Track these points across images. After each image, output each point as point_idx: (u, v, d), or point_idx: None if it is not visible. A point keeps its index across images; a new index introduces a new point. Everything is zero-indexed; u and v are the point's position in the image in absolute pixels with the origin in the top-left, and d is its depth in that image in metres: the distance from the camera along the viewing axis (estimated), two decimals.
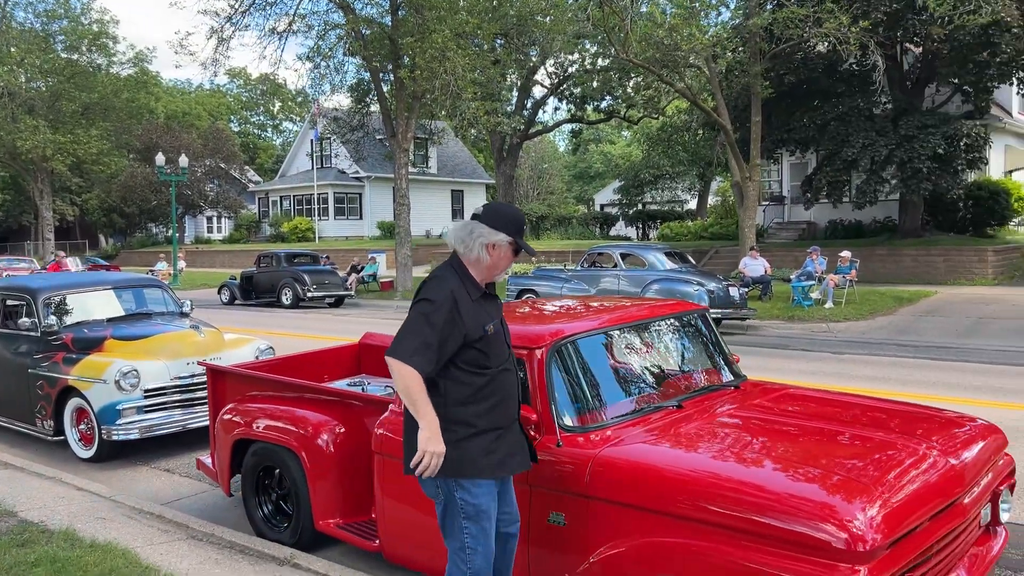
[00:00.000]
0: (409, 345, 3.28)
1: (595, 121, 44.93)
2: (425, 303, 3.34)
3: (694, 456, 3.73)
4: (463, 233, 3.46)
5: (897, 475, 3.47)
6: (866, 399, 4.76)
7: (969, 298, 18.94)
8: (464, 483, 3.40)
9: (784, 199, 30.86)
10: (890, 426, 4.10)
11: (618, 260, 17.18)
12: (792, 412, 4.33)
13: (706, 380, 4.75)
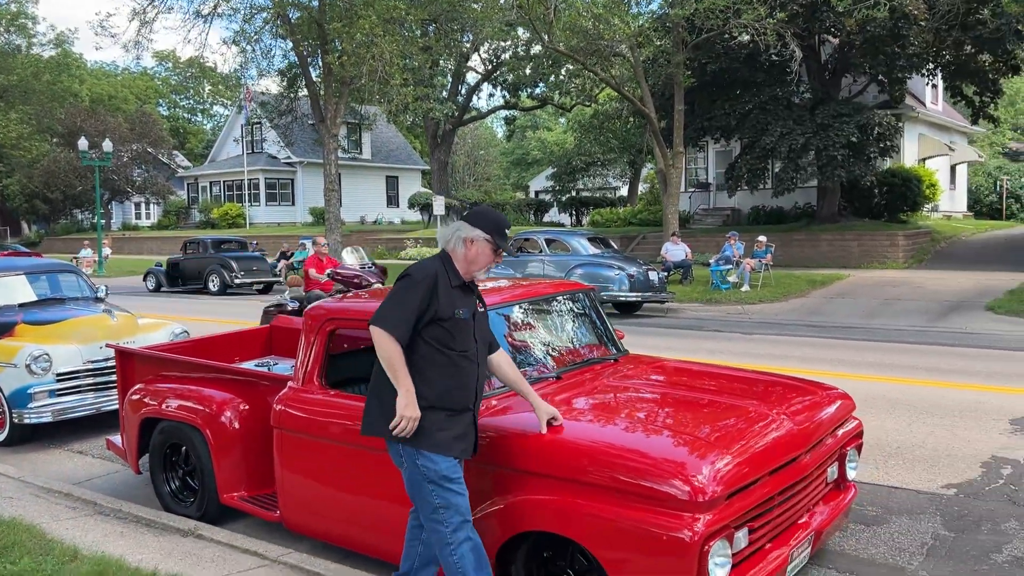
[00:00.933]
0: (392, 316, 3.59)
1: (529, 108, 45.27)
2: (408, 279, 3.67)
3: (564, 423, 4.06)
4: (448, 228, 3.84)
5: (740, 435, 3.84)
6: (734, 371, 5.16)
7: (879, 281, 19.81)
8: (424, 451, 3.64)
9: (709, 186, 31.65)
10: (747, 394, 4.50)
11: (543, 246, 17.54)
12: (661, 382, 4.69)
13: (587, 354, 5.09)
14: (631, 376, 4.75)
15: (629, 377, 4.72)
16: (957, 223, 30.98)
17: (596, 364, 4.93)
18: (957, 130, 33.91)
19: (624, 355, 5.26)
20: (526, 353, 4.87)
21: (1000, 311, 14.87)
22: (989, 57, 24.01)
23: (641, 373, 4.82)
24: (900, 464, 6.17)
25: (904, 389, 8.65)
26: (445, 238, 3.81)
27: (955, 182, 34.62)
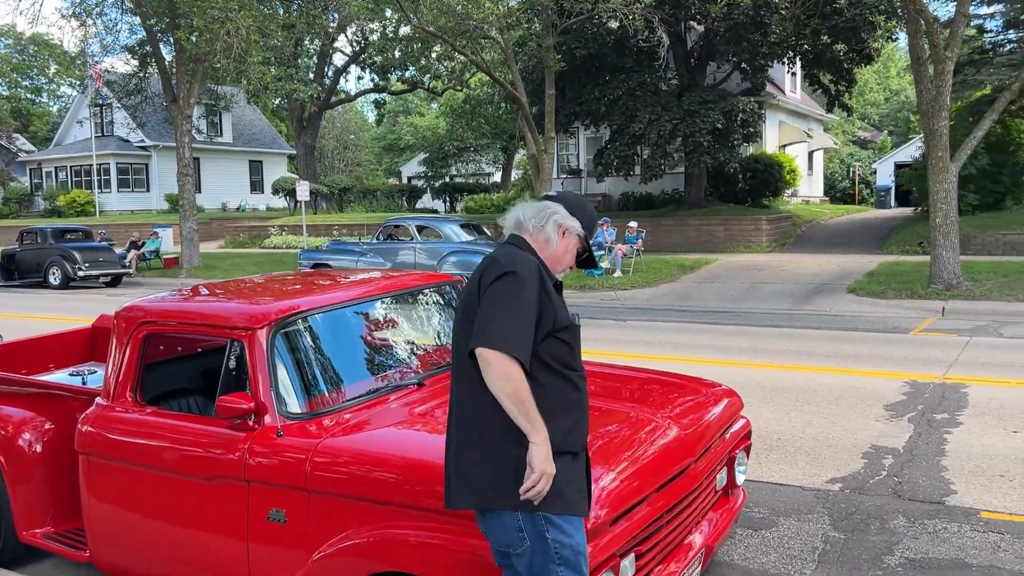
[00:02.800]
0: (511, 332, 2.50)
1: (399, 91, 44.25)
2: (510, 277, 2.57)
3: (423, 439, 3.50)
4: (534, 210, 2.84)
5: (624, 446, 3.39)
6: (610, 368, 4.72)
7: (745, 264, 20.16)
8: (555, 519, 2.63)
9: (581, 172, 31.68)
10: (626, 395, 4.06)
11: (414, 232, 16.90)
12: None
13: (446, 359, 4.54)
14: None
15: None
16: (815, 207, 32.21)
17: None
18: (814, 118, 35.25)
19: None
20: (386, 355, 4.29)
21: (861, 292, 15.28)
22: (844, 47, 24.89)
23: None
24: (782, 457, 5.93)
25: (779, 376, 8.54)
26: (533, 217, 2.81)
27: (812, 168, 36.01)
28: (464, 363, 2.62)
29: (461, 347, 2.63)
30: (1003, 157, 22.60)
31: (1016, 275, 15.36)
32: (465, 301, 2.70)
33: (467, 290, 2.70)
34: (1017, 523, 4.69)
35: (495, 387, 2.51)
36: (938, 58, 14.39)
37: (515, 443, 2.56)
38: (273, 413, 3.56)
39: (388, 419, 3.66)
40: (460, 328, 2.68)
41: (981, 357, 9.32)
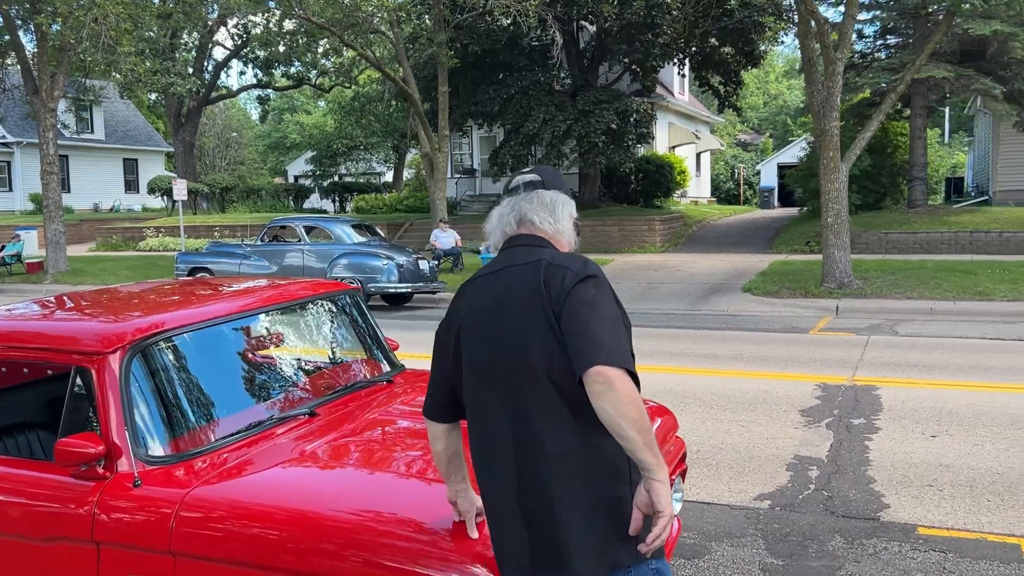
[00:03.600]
0: (621, 345, 2.00)
1: (284, 88, 42.73)
2: (593, 281, 2.07)
3: (319, 483, 2.91)
4: (539, 203, 2.27)
5: None
6: None
7: (640, 265, 20.13)
8: (663, 568, 2.13)
9: (475, 172, 31.23)
10: None
11: (302, 234, 16.01)
12: None
13: (353, 376, 3.95)
14: (409, 403, 3.67)
15: (408, 407, 3.64)
16: (704, 208, 32.76)
17: (363, 389, 3.81)
18: (701, 120, 35.91)
19: (400, 372, 4.18)
20: (272, 380, 3.67)
21: (757, 292, 15.35)
22: (732, 50, 25.32)
23: (419, 400, 3.75)
24: (705, 472, 5.57)
25: (690, 380, 8.26)
26: (550, 214, 2.27)
27: (700, 169, 36.70)
28: (542, 386, 2.02)
29: (536, 366, 2.02)
30: (882, 159, 23.38)
31: (903, 273, 15.76)
32: (523, 314, 2.06)
33: (520, 300, 2.08)
34: (957, 539, 4.45)
35: (621, 411, 1.90)
36: (829, 59, 14.59)
37: (623, 481, 2.04)
38: (129, 457, 2.90)
39: (275, 459, 3.05)
40: (523, 346, 2.04)
41: (883, 357, 9.32)
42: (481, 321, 2.12)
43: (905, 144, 24.05)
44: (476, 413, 2.14)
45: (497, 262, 2.19)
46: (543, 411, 2.01)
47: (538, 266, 2.07)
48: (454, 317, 2.21)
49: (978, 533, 4.53)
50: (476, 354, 2.12)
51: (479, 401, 2.12)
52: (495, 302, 2.11)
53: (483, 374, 2.10)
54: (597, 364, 1.90)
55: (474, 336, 2.13)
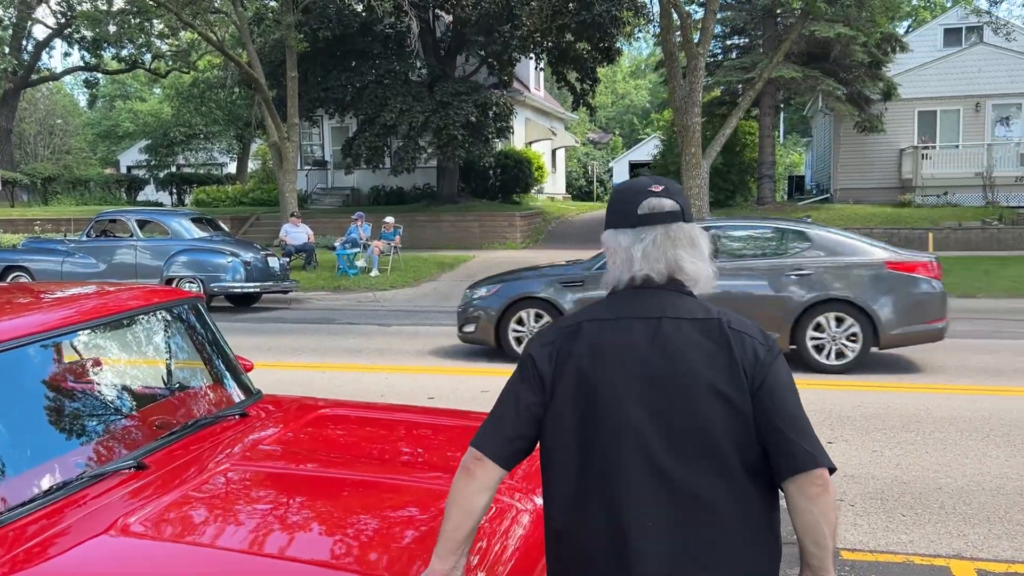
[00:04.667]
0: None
1: (115, 72, 39.65)
2: (782, 356, 1.82)
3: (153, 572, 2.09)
4: (691, 244, 1.87)
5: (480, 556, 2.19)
6: (424, 416, 3.50)
7: (503, 261, 19.60)
8: None
9: (327, 164, 29.89)
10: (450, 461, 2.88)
11: (134, 228, 14.48)
12: (322, 455, 2.87)
13: (196, 410, 3.10)
14: (271, 443, 2.87)
15: (270, 445, 2.83)
16: (561, 204, 32.77)
17: (209, 427, 2.96)
18: (556, 116, 35.94)
19: (256, 401, 3.35)
20: (86, 418, 2.77)
21: None
22: (588, 45, 25.27)
23: (286, 439, 2.95)
24: None
25: None
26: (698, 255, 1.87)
27: (556, 166, 36.75)
28: (718, 462, 1.71)
29: (719, 439, 1.71)
30: (732, 157, 23.98)
31: None
32: (705, 380, 1.73)
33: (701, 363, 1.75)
34: (884, 564, 4.08)
35: (828, 518, 1.70)
36: (691, 54, 14.55)
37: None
38: None
39: (82, 536, 2.20)
40: (702, 415, 1.72)
41: None
42: (632, 377, 1.74)
43: (753, 143, 24.77)
44: (598, 478, 1.74)
45: (639, 305, 1.81)
46: (714, 489, 1.70)
47: (717, 326, 1.77)
48: (574, 358, 1.78)
49: (903, 555, 4.19)
50: (622, 413, 1.73)
51: (611, 464, 1.73)
52: (659, 358, 1.74)
53: (630, 436, 1.72)
54: (821, 466, 1.69)
55: (619, 391, 1.74)
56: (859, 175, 24.96)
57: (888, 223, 20.33)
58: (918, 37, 26.78)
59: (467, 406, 7.17)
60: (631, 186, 1.88)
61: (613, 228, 1.85)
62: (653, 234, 1.80)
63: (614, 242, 1.84)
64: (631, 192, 1.85)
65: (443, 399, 7.30)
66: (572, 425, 1.75)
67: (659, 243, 1.80)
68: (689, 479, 1.68)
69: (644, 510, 1.68)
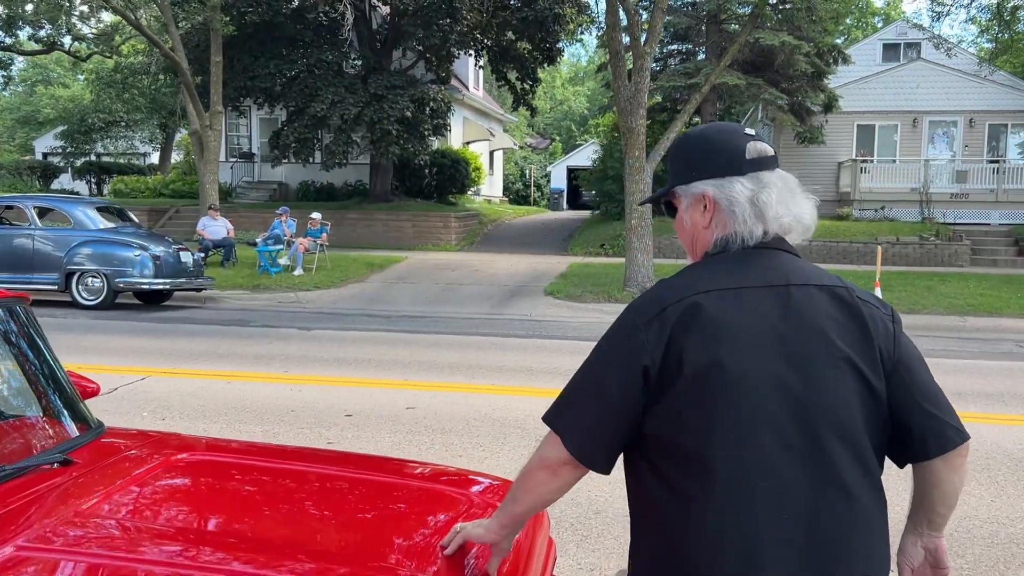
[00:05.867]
0: None
1: (31, 52, 37.48)
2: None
3: None
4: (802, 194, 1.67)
5: None
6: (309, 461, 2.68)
7: (437, 263, 18.83)
8: None
9: (254, 156, 28.60)
10: (361, 532, 2.08)
11: (32, 216, 13.22)
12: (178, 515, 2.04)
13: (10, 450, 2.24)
14: (91, 515, 2.02)
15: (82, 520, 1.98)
16: (498, 207, 32.07)
17: (21, 476, 2.10)
18: (495, 117, 35.24)
19: (93, 439, 2.49)
20: None
21: (559, 295, 14.50)
22: (529, 45, 24.64)
23: (116, 504, 2.10)
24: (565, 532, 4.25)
25: (505, 404, 6.97)
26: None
27: (493, 168, 36.04)
28: (858, 447, 1.52)
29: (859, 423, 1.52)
30: None
31: None
32: (841, 356, 1.52)
33: (836, 337, 1.53)
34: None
35: (961, 486, 1.64)
36: (638, 52, 13.97)
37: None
38: None
39: None
40: (843, 396, 1.51)
41: None
42: (767, 359, 1.49)
43: None
44: (728, 479, 1.48)
45: (759, 270, 1.56)
46: (854, 476, 1.51)
47: (848, 295, 1.57)
48: (692, 340, 1.49)
49: None
50: (758, 402, 1.48)
51: (747, 462, 1.47)
52: (795, 333, 1.51)
53: (768, 427, 1.48)
54: (967, 439, 1.59)
55: (753, 377, 1.48)
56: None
57: (827, 236, 20.13)
58: (858, 51, 26.83)
59: (388, 426, 6.37)
60: (722, 128, 1.65)
61: (712, 176, 1.58)
62: (771, 181, 1.57)
63: (726, 192, 1.57)
64: (727, 133, 1.62)
65: (362, 416, 6.48)
66: (693, 421, 1.48)
67: (782, 192, 1.58)
68: (831, 466, 1.50)
69: (784, 507, 1.47)
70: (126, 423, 6.16)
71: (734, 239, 1.56)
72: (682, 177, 1.63)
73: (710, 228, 1.60)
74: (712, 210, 1.59)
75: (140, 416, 6.32)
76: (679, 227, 1.70)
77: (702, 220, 1.61)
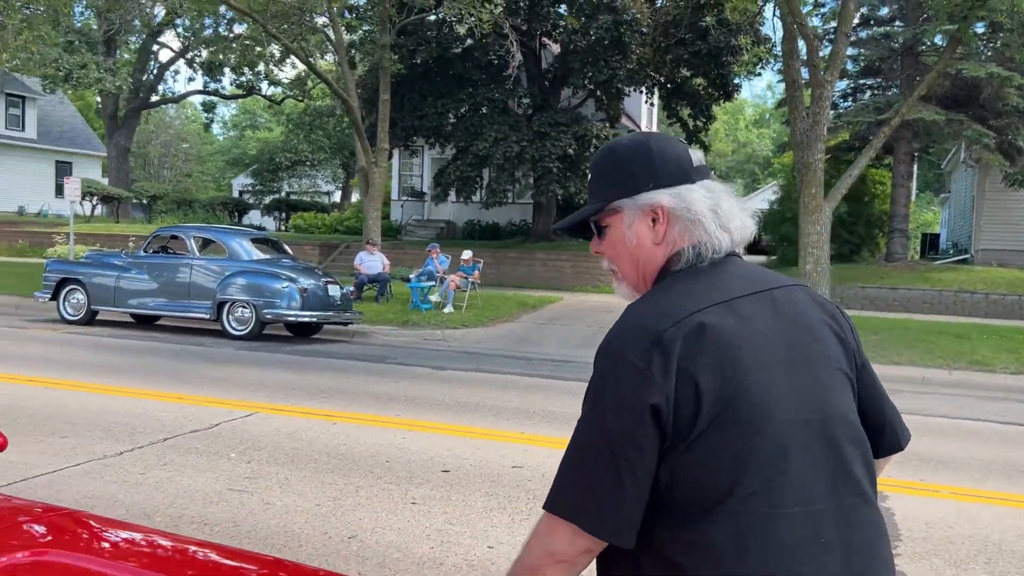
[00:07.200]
0: None
1: (232, 96, 40.41)
2: None
3: None
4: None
5: None
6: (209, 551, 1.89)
7: (593, 305, 17.99)
8: None
9: (424, 195, 29.02)
10: None
11: (192, 246, 13.59)
12: None
13: None
14: None
15: None
16: None
17: None
18: None
19: None
20: None
21: None
22: (704, 81, 23.58)
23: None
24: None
25: None
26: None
27: None
28: (863, 456, 1.44)
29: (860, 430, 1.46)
30: (859, 207, 21.64)
31: (886, 332, 13.75)
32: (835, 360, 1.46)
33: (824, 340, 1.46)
34: None
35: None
36: (816, 81, 12.67)
37: None
38: None
39: None
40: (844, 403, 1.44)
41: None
42: (777, 372, 1.37)
43: (883, 193, 22.36)
44: (770, 504, 1.32)
45: (736, 280, 1.44)
46: (868, 481, 1.44)
47: (814, 294, 1.55)
48: (705, 365, 1.31)
49: None
50: (782, 421, 1.35)
51: (782, 495, 1.33)
52: (793, 336, 1.42)
53: (797, 446, 1.35)
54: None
55: (771, 393, 1.35)
56: (1005, 235, 22.11)
57: None
58: None
59: (485, 487, 5.55)
60: (657, 136, 1.54)
61: (663, 186, 1.45)
62: (721, 190, 1.49)
63: (686, 202, 1.45)
64: (667, 140, 1.52)
65: (460, 473, 5.72)
66: (722, 459, 1.29)
67: (735, 202, 1.50)
68: (851, 475, 1.39)
69: (820, 530, 1.33)
70: (210, 464, 5.73)
71: (704, 251, 1.43)
72: (622, 188, 1.47)
73: (663, 244, 1.45)
74: (665, 223, 1.45)
75: (227, 457, 5.86)
76: (614, 247, 1.51)
77: (651, 235, 1.46)
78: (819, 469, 1.35)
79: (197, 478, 5.33)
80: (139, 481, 5.19)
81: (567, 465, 1.36)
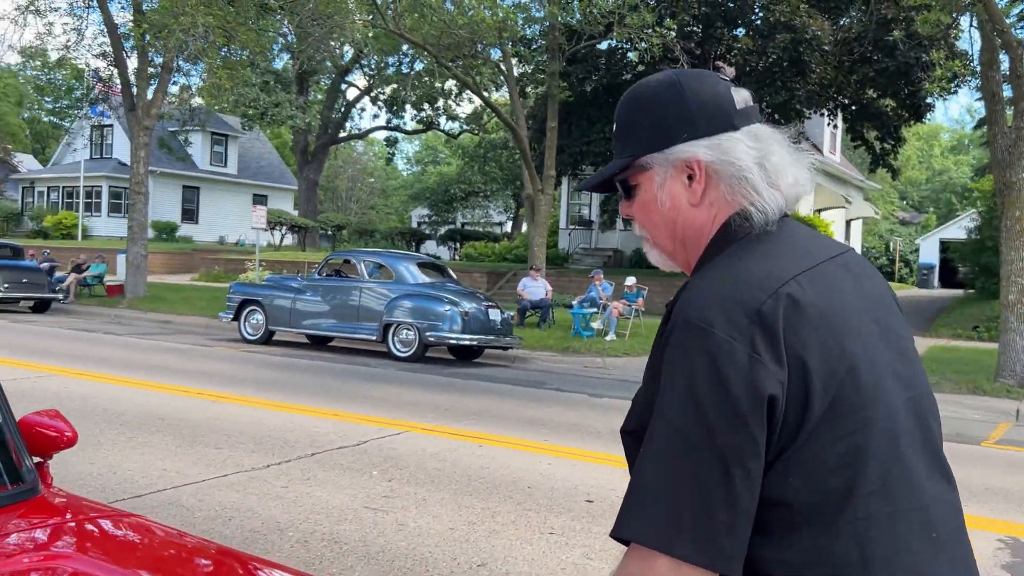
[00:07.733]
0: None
1: (413, 132, 42.07)
2: None
3: None
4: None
5: None
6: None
7: None
8: None
9: (592, 223, 28.84)
10: None
11: (362, 270, 14.01)
12: None
13: None
14: None
15: None
16: None
17: None
18: (853, 184, 32.30)
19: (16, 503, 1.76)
20: None
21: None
22: (892, 102, 22.09)
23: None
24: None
25: None
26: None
27: (849, 238, 32.92)
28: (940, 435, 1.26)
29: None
30: None
31: None
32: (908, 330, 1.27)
33: (896, 307, 1.27)
34: None
35: None
36: (1020, 95, 11.44)
37: None
38: None
39: None
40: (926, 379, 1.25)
41: None
42: (875, 346, 1.15)
43: None
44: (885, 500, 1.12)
45: (805, 242, 1.21)
46: (947, 461, 1.25)
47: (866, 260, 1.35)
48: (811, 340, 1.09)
49: None
50: (889, 399, 1.15)
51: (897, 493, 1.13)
52: (876, 307, 1.21)
53: (903, 430, 1.15)
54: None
55: (877, 370, 1.14)
56: None
57: None
58: None
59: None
60: (691, 74, 1.24)
61: (699, 136, 1.19)
62: (771, 137, 1.22)
63: (728, 155, 1.19)
64: (704, 78, 1.24)
65: (605, 504, 5.37)
66: (838, 453, 1.08)
67: (788, 152, 1.23)
68: (941, 458, 1.20)
69: (930, 523, 1.15)
70: (350, 480, 5.69)
71: (759, 214, 1.16)
72: (651, 142, 1.20)
73: (702, 205, 1.20)
74: (703, 181, 1.19)
75: (369, 475, 5.80)
76: (645, 210, 1.24)
77: (688, 195, 1.20)
78: (921, 455, 1.16)
79: (336, 494, 5.28)
80: (279, 494, 5.20)
81: (653, 478, 1.08)
